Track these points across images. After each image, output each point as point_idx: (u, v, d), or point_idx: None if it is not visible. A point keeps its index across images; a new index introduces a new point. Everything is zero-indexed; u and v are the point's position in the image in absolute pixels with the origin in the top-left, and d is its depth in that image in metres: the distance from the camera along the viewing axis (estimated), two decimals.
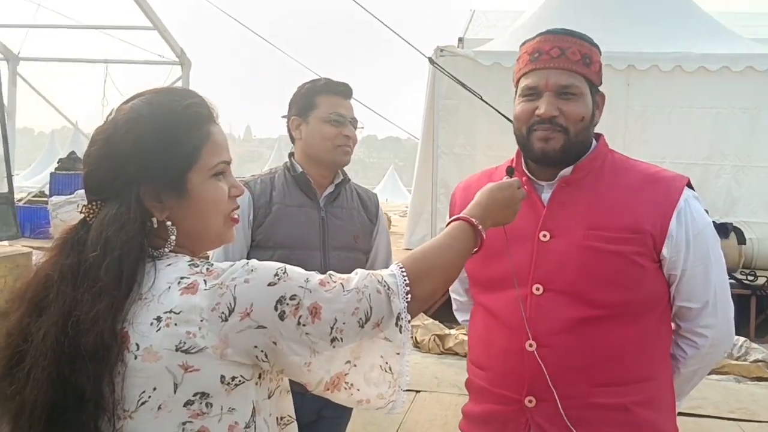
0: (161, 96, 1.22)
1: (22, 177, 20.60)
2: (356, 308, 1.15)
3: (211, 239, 1.26)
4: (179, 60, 12.48)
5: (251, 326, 1.09)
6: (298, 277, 1.15)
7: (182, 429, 1.09)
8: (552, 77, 1.62)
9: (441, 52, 8.34)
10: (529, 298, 1.65)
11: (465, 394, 1.89)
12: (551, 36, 1.65)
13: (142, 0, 11.38)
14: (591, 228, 1.62)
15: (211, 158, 1.21)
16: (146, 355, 1.07)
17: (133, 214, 1.14)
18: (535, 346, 1.62)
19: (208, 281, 1.11)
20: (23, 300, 1.16)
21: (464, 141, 8.46)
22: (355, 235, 2.39)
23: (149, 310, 1.09)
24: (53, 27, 13.58)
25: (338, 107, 2.32)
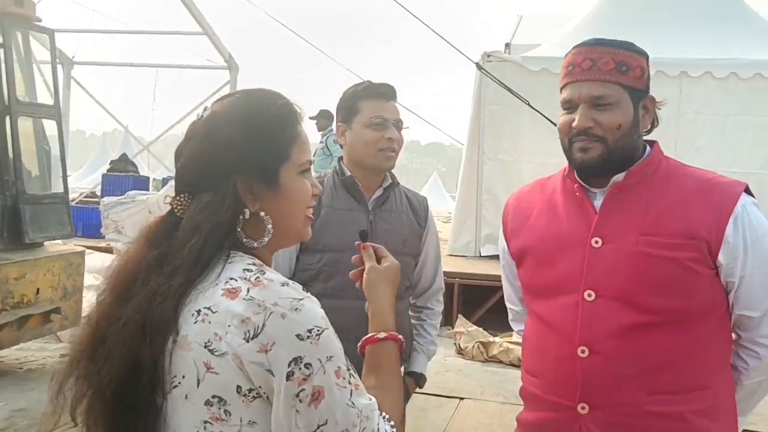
0: (257, 94, 1.27)
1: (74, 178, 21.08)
2: (347, 430, 1.09)
3: (292, 234, 1.28)
4: (227, 64, 12.66)
5: (263, 366, 1.07)
6: (325, 348, 1.09)
7: (204, 426, 1.09)
8: (584, 89, 1.65)
9: (488, 58, 8.31)
10: (581, 305, 1.65)
11: (510, 402, 1.90)
12: (583, 48, 1.68)
13: (192, 5, 11.60)
14: (643, 234, 1.61)
15: (300, 156, 1.26)
16: (182, 342, 1.11)
17: (227, 204, 1.18)
18: (587, 353, 1.63)
19: (251, 290, 1.11)
20: (111, 289, 1.20)
21: (510, 147, 8.41)
22: (404, 239, 2.38)
23: (196, 300, 1.12)
24: (106, 32, 13.94)
25: (380, 110, 2.31)
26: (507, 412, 4.72)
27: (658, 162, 1.70)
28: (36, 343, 5.89)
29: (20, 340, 5.29)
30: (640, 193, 1.67)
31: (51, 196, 5.77)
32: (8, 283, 5.01)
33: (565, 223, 1.74)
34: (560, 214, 1.76)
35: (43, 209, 5.57)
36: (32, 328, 5.25)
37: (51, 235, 5.66)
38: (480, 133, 8.42)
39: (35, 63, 6.00)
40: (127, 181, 10.94)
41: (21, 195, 5.34)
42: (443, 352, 6.30)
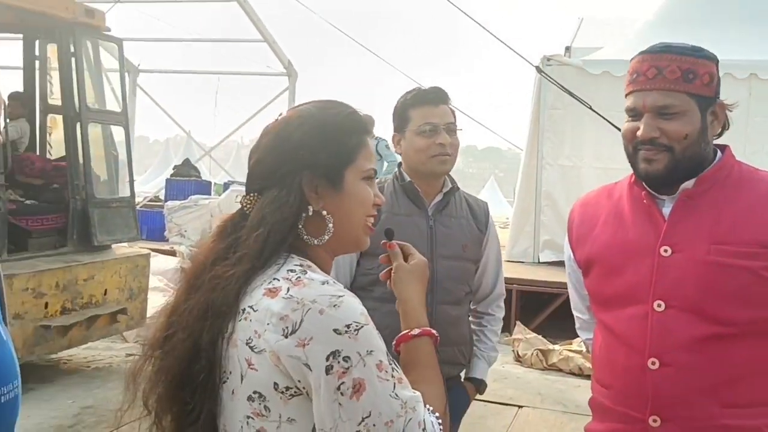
0: (328, 103, 1.35)
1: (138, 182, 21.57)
2: (392, 421, 1.08)
3: (351, 239, 1.31)
4: (286, 71, 12.84)
5: (300, 360, 1.08)
6: (364, 342, 1.10)
7: (246, 422, 1.14)
8: (649, 99, 1.61)
9: (548, 61, 8.20)
10: (650, 315, 1.61)
11: (570, 412, 1.87)
12: (648, 56, 1.63)
13: (253, 13, 11.81)
14: (715, 242, 1.57)
15: (365, 162, 1.30)
16: (230, 339, 1.16)
17: (293, 199, 1.23)
18: (658, 365, 1.59)
19: (290, 289, 1.13)
20: (183, 281, 1.27)
21: (570, 152, 8.27)
22: (464, 245, 2.37)
23: (245, 300, 1.17)
24: (170, 41, 14.30)
25: (429, 117, 2.30)
26: (568, 421, 4.65)
27: (730, 167, 1.66)
28: (103, 343, 6.08)
29: (88, 340, 5.48)
30: (711, 200, 1.62)
31: (118, 200, 5.96)
32: (77, 284, 5.20)
33: (633, 231, 1.70)
34: (627, 222, 1.72)
35: (110, 213, 5.75)
36: (100, 328, 5.43)
37: (118, 237, 5.84)
38: (539, 138, 8.31)
39: (104, 71, 6.21)
40: (189, 185, 11.20)
41: (90, 199, 5.53)
42: (501, 360, 6.24)
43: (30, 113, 6.20)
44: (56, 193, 5.71)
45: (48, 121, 6.27)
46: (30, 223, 5.32)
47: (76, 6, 5.62)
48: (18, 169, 5.64)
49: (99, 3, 9.36)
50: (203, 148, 14.76)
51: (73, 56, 5.56)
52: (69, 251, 5.39)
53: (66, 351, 5.54)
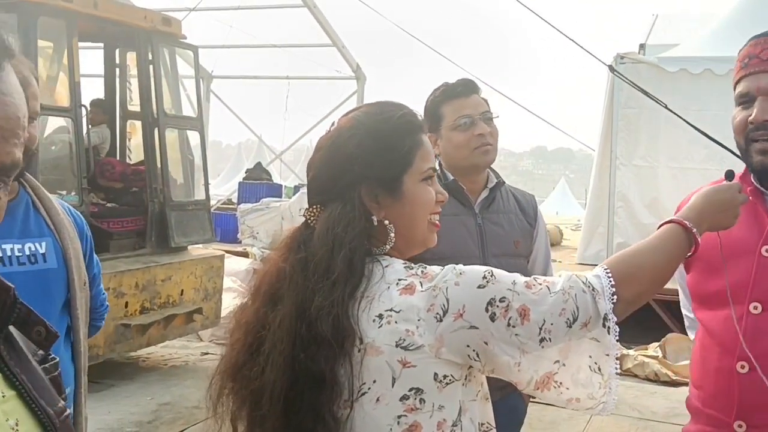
0: (378, 107, 1.34)
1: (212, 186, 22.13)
2: (563, 309, 1.17)
3: (417, 241, 1.33)
4: (355, 75, 12.95)
5: (464, 326, 1.15)
6: (506, 279, 1.19)
7: (397, 422, 1.15)
8: (763, 81, 1.53)
9: (621, 60, 8.01)
10: (745, 317, 1.54)
11: (645, 419, 1.83)
12: (762, 39, 1.55)
13: (322, 17, 11.97)
14: None
15: (423, 163, 1.30)
16: (369, 349, 1.16)
17: (357, 212, 1.24)
18: (747, 368, 1.52)
19: (423, 283, 1.18)
20: (258, 293, 1.28)
21: (645, 152, 8.06)
22: (516, 240, 2.29)
23: (371, 308, 1.17)
24: (242, 47, 14.63)
25: (463, 109, 2.22)
26: (642, 428, 4.52)
27: None
28: (179, 341, 6.26)
29: (166, 338, 5.65)
30: None
31: (194, 203, 6.13)
32: (156, 284, 5.37)
33: (737, 228, 1.60)
34: None
35: (186, 215, 5.92)
36: (177, 327, 5.60)
37: (194, 239, 6.01)
38: (613, 138, 8.13)
39: (180, 78, 6.40)
40: (261, 188, 11.42)
41: (168, 202, 5.71)
42: None
43: (110, 119, 6.44)
44: (135, 196, 5.92)
45: (127, 127, 6.51)
46: (111, 225, 5.52)
47: (153, 15, 5.82)
48: (99, 174, 5.86)
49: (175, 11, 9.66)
50: (274, 152, 15.01)
51: (151, 64, 5.75)
52: (147, 252, 5.57)
53: (145, 349, 5.73)
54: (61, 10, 4.93)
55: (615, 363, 1.21)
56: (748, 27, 7.53)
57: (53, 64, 5.36)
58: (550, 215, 28.31)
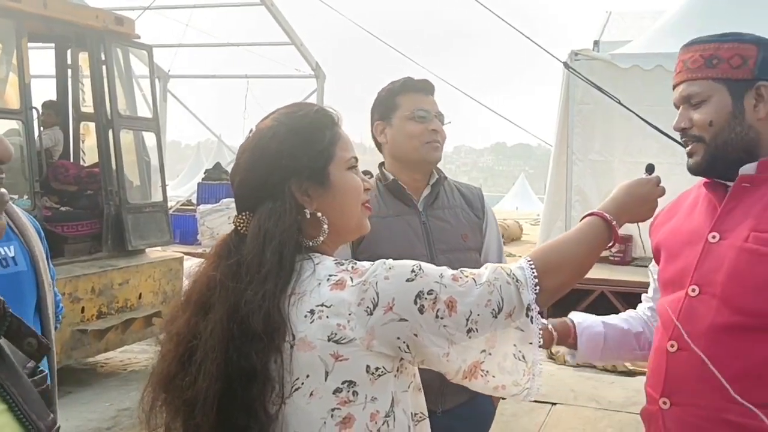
0: (293, 106, 1.39)
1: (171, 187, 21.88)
2: (489, 300, 1.22)
3: (352, 228, 1.37)
4: (314, 73, 12.92)
5: (394, 319, 1.18)
6: (434, 272, 1.22)
7: (331, 415, 1.18)
8: (677, 91, 1.65)
9: (576, 56, 8.12)
10: (684, 300, 1.59)
11: (604, 408, 1.87)
12: (680, 52, 1.66)
13: (280, 16, 11.91)
14: (755, 230, 1.52)
15: (344, 153, 1.35)
16: (301, 344, 1.18)
17: (288, 206, 1.27)
18: (676, 347, 1.58)
19: (354, 278, 1.20)
20: (189, 303, 1.28)
21: (600, 147, 8.20)
22: (463, 234, 2.26)
23: (303, 303, 1.20)
24: (199, 45, 14.47)
25: (421, 104, 2.21)
26: (601, 418, 4.61)
27: None
28: (138, 346, 6.17)
29: (125, 343, 5.57)
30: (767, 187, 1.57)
31: (151, 204, 6.05)
32: (113, 288, 5.29)
33: (696, 217, 1.69)
34: (695, 210, 1.71)
35: (144, 217, 5.85)
36: (135, 331, 5.52)
37: (151, 242, 5.94)
38: (569, 134, 8.24)
39: (134, 78, 6.31)
40: (221, 189, 11.32)
41: (124, 204, 5.63)
42: None
43: (63, 121, 6.33)
44: (90, 199, 5.82)
45: (81, 129, 6.40)
46: (65, 229, 5.42)
47: (105, 14, 5.72)
48: (52, 177, 5.75)
49: (128, 11, 9.51)
50: (233, 152, 14.88)
51: (103, 64, 5.66)
52: (104, 256, 5.49)
53: (103, 354, 5.64)
54: (8, 10, 4.82)
55: (538, 351, 1.26)
56: (697, 23, 7.74)
57: (2, 66, 5.24)
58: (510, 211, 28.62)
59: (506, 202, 36.50)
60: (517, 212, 27.11)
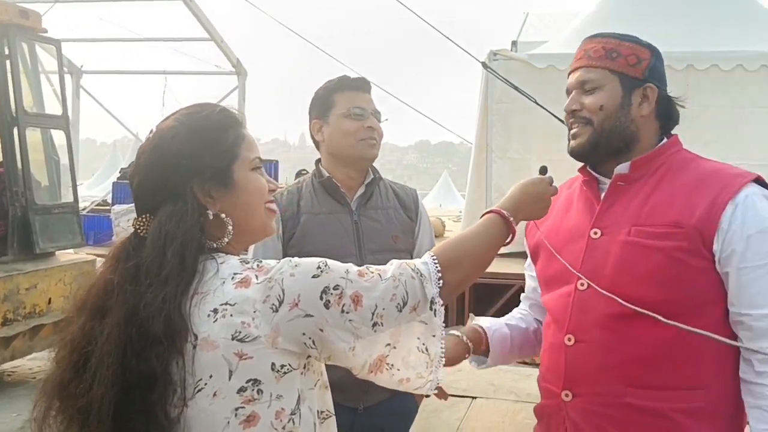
0: (196, 107, 1.36)
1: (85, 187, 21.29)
2: (394, 294, 1.24)
3: (257, 229, 1.36)
4: (235, 70, 12.72)
5: (299, 315, 1.18)
6: (339, 268, 1.24)
7: (235, 414, 1.16)
8: (574, 76, 1.73)
9: (494, 56, 8.28)
10: (573, 294, 1.67)
11: (522, 401, 1.91)
12: (584, 41, 1.75)
13: (200, 12, 11.66)
14: (636, 224, 1.61)
15: (249, 153, 1.33)
16: (204, 344, 1.16)
17: (190, 208, 1.25)
18: (573, 341, 1.65)
19: (259, 276, 1.20)
20: (84, 308, 1.25)
21: (519, 145, 8.38)
22: (394, 236, 2.27)
23: (206, 303, 1.18)
24: (114, 40, 14.01)
25: (357, 101, 2.23)
26: (519, 410, 4.70)
27: (669, 154, 1.69)
28: (48, 353, 5.92)
29: (33, 350, 5.34)
30: (642, 184, 1.66)
31: (61, 205, 5.82)
32: (19, 293, 5.06)
33: (574, 215, 1.77)
34: (572, 208, 1.79)
35: (53, 219, 5.62)
36: (44, 338, 5.30)
37: (62, 244, 5.71)
38: (488, 132, 8.39)
39: (43, 74, 6.05)
40: None
41: (31, 205, 5.39)
42: None
43: None
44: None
45: None
46: None
47: (9, 7, 5.47)
48: None
49: (37, 3, 9.11)
50: None
51: (7, 59, 5.41)
52: (9, 260, 5.25)
53: (9, 363, 5.40)
54: None
55: (441, 343, 1.30)
56: (609, 23, 7.98)
57: None
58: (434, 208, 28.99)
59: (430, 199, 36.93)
60: (441, 209, 27.49)
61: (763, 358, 1.51)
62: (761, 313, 1.51)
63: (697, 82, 7.72)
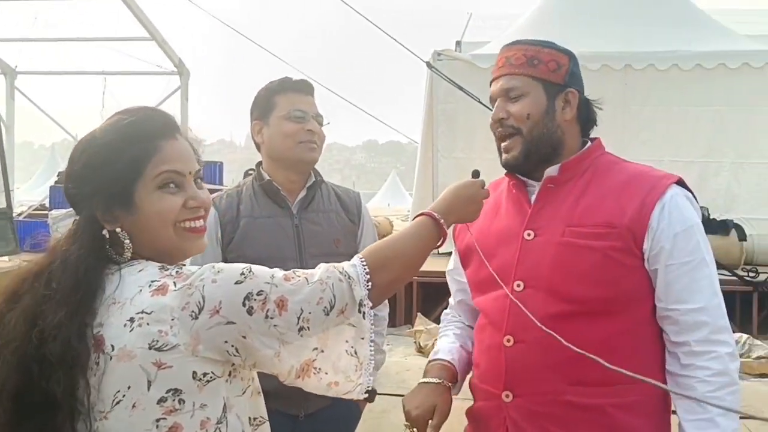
0: (119, 115, 1.31)
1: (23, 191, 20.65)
2: (320, 298, 1.22)
3: (167, 250, 1.29)
4: (177, 70, 12.50)
5: (221, 322, 1.15)
6: (264, 273, 1.21)
7: (156, 426, 1.14)
8: (498, 84, 1.75)
9: (438, 56, 8.34)
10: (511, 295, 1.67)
11: (468, 398, 1.91)
12: (503, 49, 1.78)
13: (140, 11, 11.42)
14: (569, 225, 1.65)
15: (156, 168, 1.26)
16: (121, 355, 1.13)
17: (85, 226, 1.24)
18: (512, 341, 1.66)
19: (177, 283, 1.17)
20: (5, 291, 1.23)
21: (464, 145, 8.46)
22: (336, 239, 2.24)
23: (122, 312, 1.15)
24: (50, 40, 13.60)
25: (298, 104, 2.20)
26: (466, 406, 4.75)
27: (595, 157, 1.74)
28: None
29: None
30: (572, 186, 1.70)
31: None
32: None
33: (504, 218, 1.79)
34: (501, 211, 1.81)
35: None
36: None
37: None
38: (434, 132, 8.46)
39: None
40: None
41: None
42: (403, 351, 6.32)
43: None
44: None
45: None
46: None
47: None
48: None
49: None
50: None
51: None
52: None
53: None
54: None
55: (370, 346, 1.28)
56: (548, 25, 8.14)
57: None
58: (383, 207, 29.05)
59: (378, 199, 37.02)
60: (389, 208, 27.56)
61: (688, 351, 1.58)
62: (687, 308, 1.58)
63: (634, 82, 7.95)
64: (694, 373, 1.57)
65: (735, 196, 7.92)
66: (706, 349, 1.57)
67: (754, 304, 6.73)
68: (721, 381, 1.56)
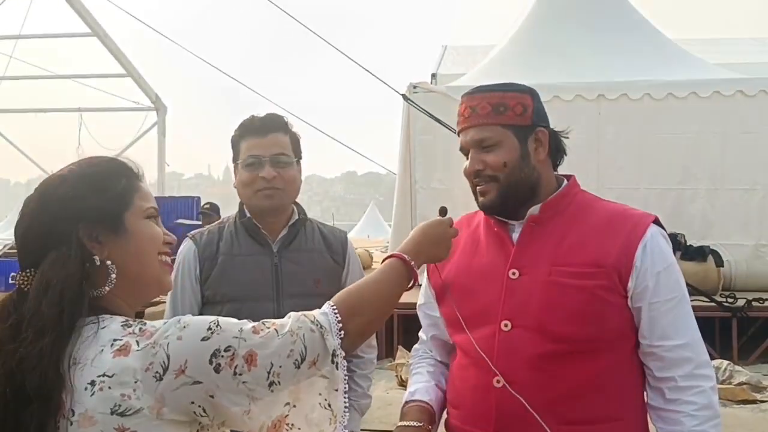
0: (88, 159, 1.30)
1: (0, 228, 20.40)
2: (291, 350, 1.17)
3: (149, 281, 1.27)
4: (154, 105, 12.52)
5: (186, 383, 1.10)
6: (232, 327, 1.16)
7: None
8: (468, 136, 1.72)
9: (414, 89, 8.42)
10: (497, 335, 1.66)
11: None
12: (465, 98, 1.75)
13: (115, 48, 11.45)
14: (555, 264, 1.65)
15: (143, 203, 1.27)
16: (82, 420, 1.08)
17: (74, 253, 1.17)
18: (502, 383, 1.63)
19: (140, 341, 1.12)
20: None
21: (441, 176, 8.48)
22: (316, 279, 2.16)
23: (83, 374, 1.10)
24: (26, 78, 13.56)
25: (253, 149, 2.12)
26: None
27: (573, 195, 1.75)
28: None
29: None
30: (554, 225, 1.70)
31: None
32: None
33: (486, 256, 1.77)
34: (482, 248, 1.79)
35: None
36: None
37: None
38: (411, 163, 8.49)
39: None
40: None
41: None
42: (385, 386, 6.25)
43: None
44: None
45: None
46: None
47: None
48: None
49: None
50: None
51: None
52: None
53: None
54: None
55: (344, 397, 1.24)
56: (521, 57, 8.26)
57: None
58: (362, 239, 29.00)
59: (358, 230, 36.99)
60: (369, 240, 27.53)
61: (674, 386, 1.60)
62: (672, 344, 1.61)
63: (607, 111, 8.06)
64: (680, 407, 1.59)
65: (711, 222, 8.00)
66: (691, 384, 1.59)
67: (733, 329, 6.77)
68: (706, 414, 1.58)
